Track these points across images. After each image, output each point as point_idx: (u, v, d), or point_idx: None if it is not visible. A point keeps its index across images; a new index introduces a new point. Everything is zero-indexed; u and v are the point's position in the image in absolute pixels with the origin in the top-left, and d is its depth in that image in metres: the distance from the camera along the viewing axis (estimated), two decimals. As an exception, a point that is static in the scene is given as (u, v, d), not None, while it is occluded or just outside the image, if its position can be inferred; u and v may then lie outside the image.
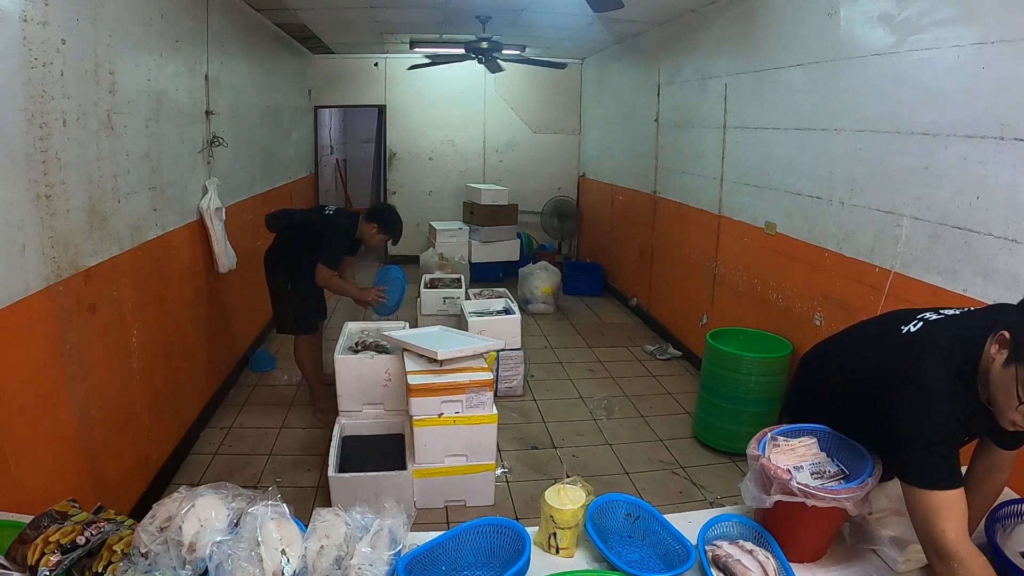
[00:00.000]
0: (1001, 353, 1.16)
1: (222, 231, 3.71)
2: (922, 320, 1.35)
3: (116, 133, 2.57)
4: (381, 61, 7.45)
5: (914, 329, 1.33)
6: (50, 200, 2.09)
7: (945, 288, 2.41)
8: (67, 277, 2.20)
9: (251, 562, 1.15)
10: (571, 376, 4.55)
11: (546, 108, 7.83)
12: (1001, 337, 1.17)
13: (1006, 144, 2.15)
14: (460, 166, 7.87)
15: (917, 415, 1.21)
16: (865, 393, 1.40)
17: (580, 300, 6.54)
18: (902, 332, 1.35)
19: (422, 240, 7.35)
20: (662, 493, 3.10)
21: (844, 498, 1.28)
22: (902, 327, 1.36)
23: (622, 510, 1.49)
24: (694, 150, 4.71)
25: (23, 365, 1.97)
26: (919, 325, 1.34)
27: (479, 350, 3.05)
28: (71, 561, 1.19)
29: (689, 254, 4.82)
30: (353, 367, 3.22)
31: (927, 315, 1.37)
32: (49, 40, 2.07)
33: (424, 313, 4.67)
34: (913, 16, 2.56)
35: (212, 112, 3.76)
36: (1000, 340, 1.17)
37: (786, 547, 1.37)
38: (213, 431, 3.59)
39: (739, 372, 3.32)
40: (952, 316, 1.35)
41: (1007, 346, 1.15)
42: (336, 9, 4.92)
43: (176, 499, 1.27)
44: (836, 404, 1.53)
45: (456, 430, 2.85)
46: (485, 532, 1.40)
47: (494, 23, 5.15)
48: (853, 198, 2.94)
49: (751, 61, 3.87)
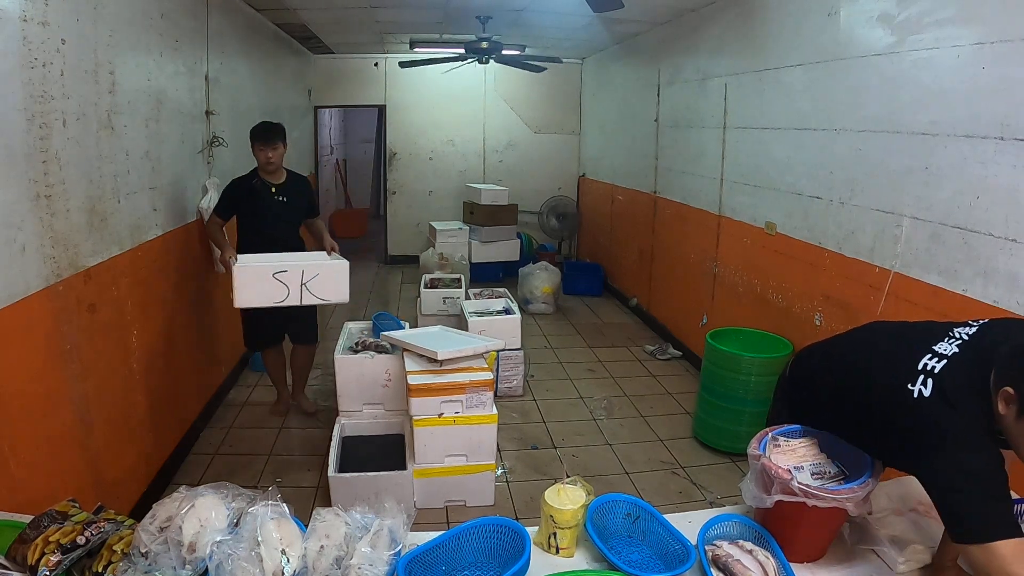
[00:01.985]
0: (1010, 408, 1.15)
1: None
2: (928, 375, 1.25)
3: (116, 133, 2.57)
4: (381, 61, 7.45)
5: (927, 394, 1.23)
6: (50, 200, 2.09)
7: (945, 288, 2.41)
8: (67, 277, 2.19)
9: (251, 562, 1.15)
10: (571, 376, 4.55)
11: (546, 108, 7.84)
12: (1006, 394, 1.15)
13: (1006, 144, 2.15)
14: (460, 166, 7.87)
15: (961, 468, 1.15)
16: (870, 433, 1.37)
17: (580, 300, 6.54)
18: (913, 395, 1.24)
19: (422, 240, 7.36)
20: (662, 493, 3.10)
21: (844, 498, 1.28)
22: (909, 385, 1.25)
23: (622, 510, 1.49)
24: (694, 150, 4.71)
25: (23, 365, 1.97)
26: (929, 387, 1.24)
27: (479, 350, 3.05)
28: (71, 561, 1.19)
29: (689, 254, 4.82)
30: (353, 367, 3.22)
31: (929, 364, 1.27)
32: (49, 40, 2.07)
33: (424, 313, 4.67)
34: (913, 16, 2.56)
35: (212, 112, 3.76)
36: (1006, 397, 1.16)
37: (786, 547, 1.37)
38: (213, 431, 3.59)
39: (739, 372, 3.32)
40: (954, 362, 1.26)
41: (1014, 402, 1.14)
42: (336, 9, 4.92)
43: (176, 499, 1.27)
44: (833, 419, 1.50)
45: (456, 430, 2.85)
46: (485, 532, 1.39)
47: (494, 23, 5.16)
48: (853, 198, 2.94)
49: (751, 61, 3.87)
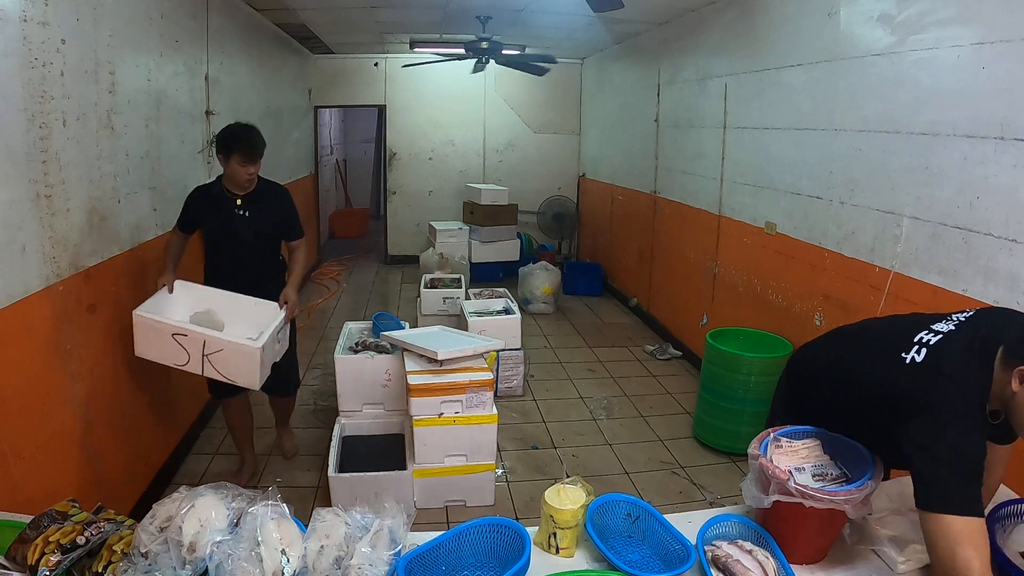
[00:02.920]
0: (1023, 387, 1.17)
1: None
2: (923, 346, 1.29)
3: (116, 133, 2.57)
4: (381, 61, 7.45)
5: (919, 359, 1.27)
6: (50, 200, 2.09)
7: (945, 288, 2.41)
8: (67, 277, 2.20)
9: (251, 562, 1.15)
10: (571, 376, 4.55)
11: (546, 108, 7.84)
12: (1021, 372, 1.17)
13: (1006, 144, 2.15)
14: (460, 166, 7.87)
15: (944, 438, 1.17)
16: (866, 414, 1.39)
17: (580, 300, 6.54)
18: (905, 361, 1.29)
19: (422, 240, 7.36)
20: (662, 493, 3.10)
21: (842, 500, 1.28)
22: (902, 354, 1.30)
23: (622, 510, 1.49)
24: (694, 150, 4.71)
25: (23, 365, 1.97)
26: (923, 354, 1.28)
27: (479, 350, 3.05)
28: (71, 561, 1.19)
29: (689, 254, 4.82)
30: (353, 367, 3.22)
31: (925, 337, 1.31)
32: (49, 40, 2.07)
33: (424, 313, 4.67)
34: (913, 16, 2.56)
35: (212, 112, 3.76)
36: (1020, 375, 1.17)
37: (785, 548, 1.37)
38: (213, 431, 3.58)
39: (739, 372, 3.32)
40: (951, 336, 1.29)
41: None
42: (336, 9, 4.92)
43: (176, 499, 1.27)
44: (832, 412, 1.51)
45: (456, 430, 2.85)
46: (485, 532, 1.39)
47: (494, 23, 5.15)
48: (853, 198, 2.94)
49: (751, 61, 3.87)
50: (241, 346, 2.44)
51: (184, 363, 2.45)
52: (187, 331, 2.41)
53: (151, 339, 2.45)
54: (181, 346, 2.42)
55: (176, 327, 2.42)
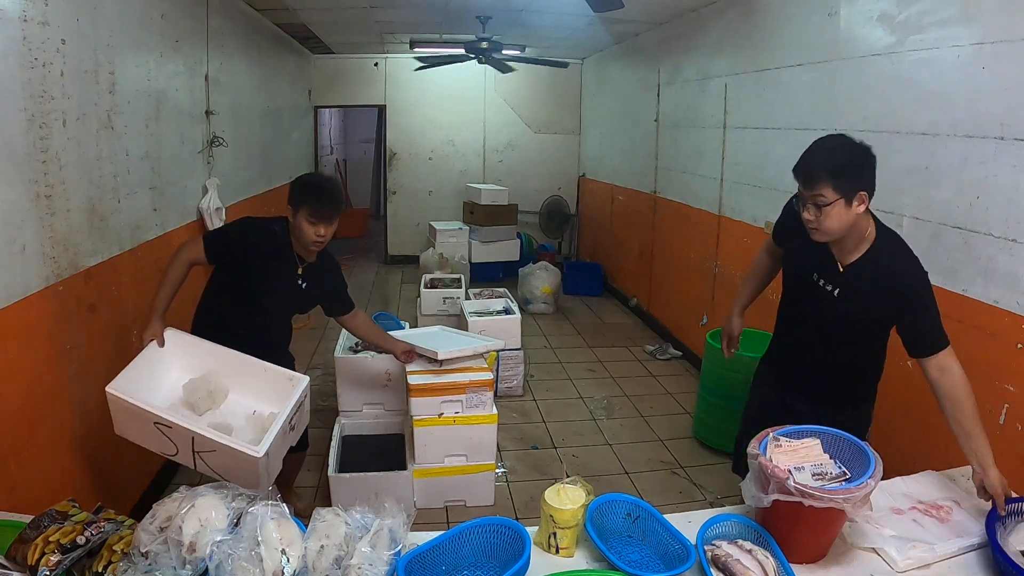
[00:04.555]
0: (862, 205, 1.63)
1: (221, 231, 3.65)
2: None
3: (116, 133, 2.57)
4: (381, 61, 7.45)
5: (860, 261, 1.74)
6: (50, 200, 2.09)
7: (945, 288, 2.41)
8: (67, 277, 2.19)
9: (251, 562, 1.15)
10: (571, 376, 4.55)
11: (546, 108, 7.84)
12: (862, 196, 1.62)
13: (1006, 144, 2.15)
14: (460, 166, 7.87)
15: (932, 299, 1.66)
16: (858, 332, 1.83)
17: (580, 300, 6.54)
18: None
19: (422, 240, 7.36)
20: (662, 493, 3.10)
21: (842, 499, 1.28)
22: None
23: (622, 510, 1.49)
24: (694, 150, 4.71)
25: (23, 365, 1.97)
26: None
27: (479, 350, 3.05)
28: (71, 561, 1.19)
29: (689, 254, 4.82)
30: (353, 367, 3.22)
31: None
32: (49, 40, 2.07)
33: (424, 313, 4.67)
34: (913, 16, 2.56)
35: (212, 112, 3.76)
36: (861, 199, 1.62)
37: (785, 548, 1.37)
38: (213, 431, 3.58)
39: (739, 372, 3.31)
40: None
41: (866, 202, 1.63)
42: (336, 9, 4.92)
43: (176, 499, 1.27)
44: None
45: (456, 430, 2.85)
46: (485, 532, 1.40)
47: (494, 23, 5.16)
48: (853, 198, 2.94)
49: (751, 61, 3.87)
50: (238, 452, 1.80)
51: (173, 454, 1.91)
52: (171, 423, 1.83)
53: (129, 422, 1.92)
54: (165, 436, 1.87)
55: (158, 416, 1.84)
